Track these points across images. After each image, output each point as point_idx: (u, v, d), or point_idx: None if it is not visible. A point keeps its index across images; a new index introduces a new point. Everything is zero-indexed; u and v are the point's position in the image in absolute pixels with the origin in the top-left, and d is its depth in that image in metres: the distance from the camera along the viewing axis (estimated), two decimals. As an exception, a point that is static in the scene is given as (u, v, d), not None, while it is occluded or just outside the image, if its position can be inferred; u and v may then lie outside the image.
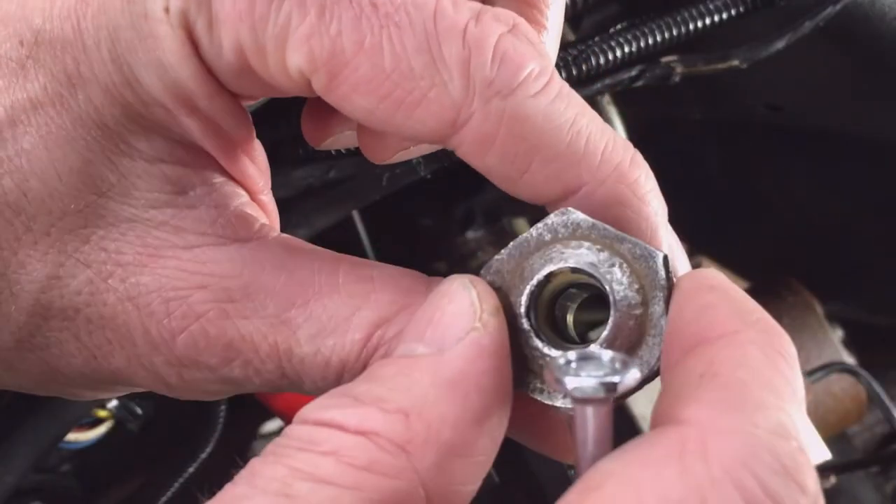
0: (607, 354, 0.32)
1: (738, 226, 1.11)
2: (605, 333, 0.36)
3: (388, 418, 0.32)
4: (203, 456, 0.75)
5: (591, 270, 0.36)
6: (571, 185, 0.37)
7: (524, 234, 0.37)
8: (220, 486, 0.31)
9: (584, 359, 0.32)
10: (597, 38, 0.62)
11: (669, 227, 0.39)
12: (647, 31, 0.64)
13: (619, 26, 0.65)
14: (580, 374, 0.31)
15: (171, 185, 0.39)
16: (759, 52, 0.65)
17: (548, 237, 0.37)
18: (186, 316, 0.38)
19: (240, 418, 0.81)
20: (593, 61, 0.61)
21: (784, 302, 0.97)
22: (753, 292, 1.08)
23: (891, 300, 1.08)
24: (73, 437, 0.70)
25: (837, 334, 0.98)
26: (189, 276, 0.39)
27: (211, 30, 0.36)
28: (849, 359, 0.96)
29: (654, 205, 0.38)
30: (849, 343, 0.99)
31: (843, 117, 0.83)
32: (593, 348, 0.35)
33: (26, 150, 0.38)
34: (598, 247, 0.36)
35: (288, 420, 0.72)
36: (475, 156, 0.37)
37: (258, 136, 0.43)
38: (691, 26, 0.64)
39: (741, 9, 0.65)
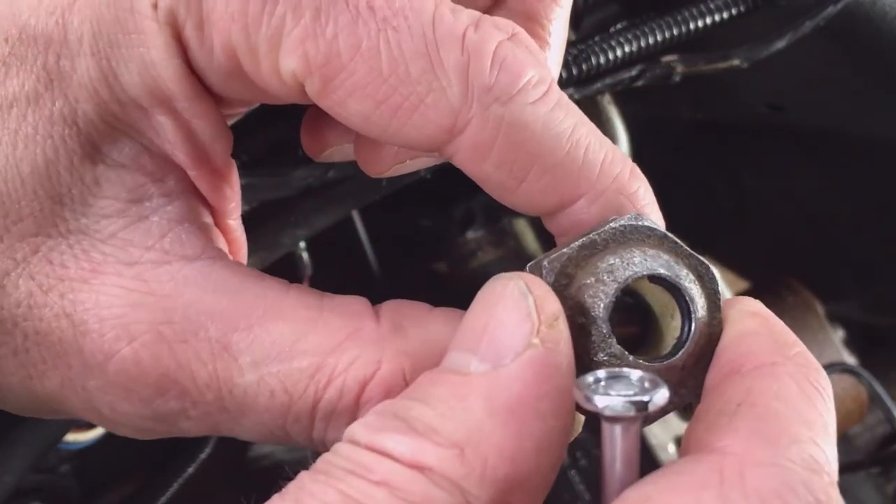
0: (636, 374, 0.32)
1: (738, 226, 1.11)
2: (683, 351, 0.35)
3: (442, 453, 0.30)
4: (203, 456, 0.75)
5: (677, 282, 0.35)
6: (570, 195, 0.36)
7: (589, 235, 0.36)
8: (220, 487, 0.30)
9: (614, 377, 0.32)
10: (597, 38, 0.62)
11: None
12: (647, 30, 0.64)
13: (619, 26, 0.65)
14: (610, 392, 0.31)
15: (126, 192, 0.38)
16: (759, 52, 0.65)
17: (620, 240, 0.36)
18: (120, 338, 0.37)
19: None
20: (593, 61, 0.61)
21: (784, 302, 0.96)
22: (753, 292, 1.08)
23: (891, 300, 1.08)
24: (72, 437, 0.70)
25: (838, 334, 0.97)
26: (127, 294, 0.37)
27: (201, 29, 0.35)
28: (850, 359, 0.95)
29: (654, 215, 0.38)
30: (850, 343, 0.99)
31: (843, 117, 0.83)
32: (673, 361, 0.35)
33: None
34: (674, 259, 0.36)
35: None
36: (472, 163, 0.36)
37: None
38: (691, 26, 0.64)
39: (741, 8, 0.65)
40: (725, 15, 0.64)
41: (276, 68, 0.35)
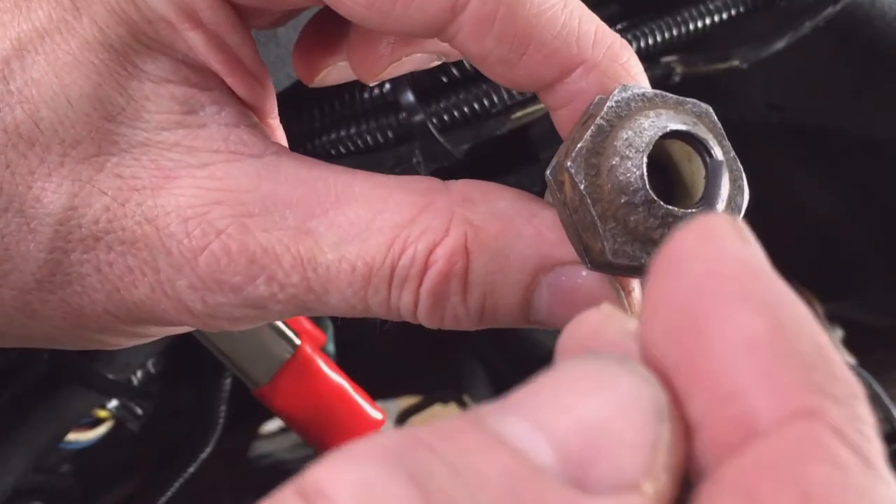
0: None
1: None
2: (724, 191, 0.37)
3: None
4: (203, 456, 0.75)
5: (686, 129, 0.36)
6: (568, 64, 0.38)
7: (596, 121, 0.36)
8: (220, 487, 0.30)
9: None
10: (597, 38, 0.62)
11: None
12: (647, 31, 0.64)
13: (619, 26, 0.65)
14: None
15: (179, 105, 0.39)
16: (759, 52, 0.65)
17: (623, 114, 0.37)
18: (206, 233, 0.38)
19: (240, 418, 0.81)
20: (593, 61, 0.61)
21: (784, 302, 0.96)
22: (753, 292, 1.07)
23: (891, 300, 1.08)
24: (73, 437, 0.70)
25: (837, 334, 0.98)
26: (206, 193, 0.39)
27: None
28: (849, 359, 0.96)
29: (645, 83, 0.39)
30: (849, 343, 0.99)
31: (843, 117, 0.83)
32: (709, 196, 0.37)
33: (35, 79, 0.38)
34: (672, 112, 0.37)
35: (288, 420, 0.72)
36: (474, 40, 0.37)
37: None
38: (691, 26, 0.64)
39: (741, 9, 0.65)
40: (725, 15, 0.64)
41: None
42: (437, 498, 0.20)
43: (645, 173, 0.35)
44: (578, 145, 0.36)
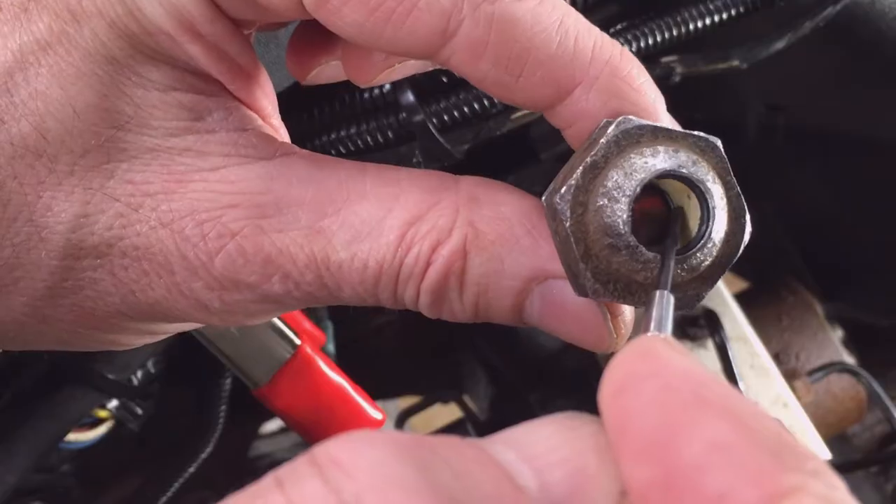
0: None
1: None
2: (716, 233, 0.36)
3: None
4: (203, 456, 0.75)
5: (680, 172, 0.36)
6: (566, 84, 0.37)
7: (589, 157, 0.36)
8: (219, 486, 0.30)
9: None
10: (597, 38, 0.62)
11: (670, 116, 0.39)
12: (647, 31, 0.64)
13: (619, 26, 0.65)
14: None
15: (187, 111, 0.40)
16: (759, 52, 0.65)
17: (615, 150, 0.36)
18: (222, 235, 0.39)
19: (240, 418, 0.81)
20: (593, 61, 0.61)
21: (784, 302, 0.97)
22: (753, 292, 1.07)
23: (891, 300, 1.08)
24: (73, 437, 0.70)
25: (837, 334, 0.98)
26: (220, 197, 0.39)
27: None
28: (849, 359, 0.96)
29: (651, 94, 0.38)
30: (849, 343, 0.99)
31: (843, 117, 0.83)
32: (703, 243, 0.36)
33: (40, 91, 0.38)
34: (672, 148, 0.36)
35: (288, 420, 0.72)
36: (469, 64, 0.37)
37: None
38: (691, 26, 0.64)
39: (741, 9, 0.65)
40: (725, 15, 0.64)
41: None
42: (440, 490, 0.23)
43: (630, 218, 0.35)
44: (569, 182, 0.36)
